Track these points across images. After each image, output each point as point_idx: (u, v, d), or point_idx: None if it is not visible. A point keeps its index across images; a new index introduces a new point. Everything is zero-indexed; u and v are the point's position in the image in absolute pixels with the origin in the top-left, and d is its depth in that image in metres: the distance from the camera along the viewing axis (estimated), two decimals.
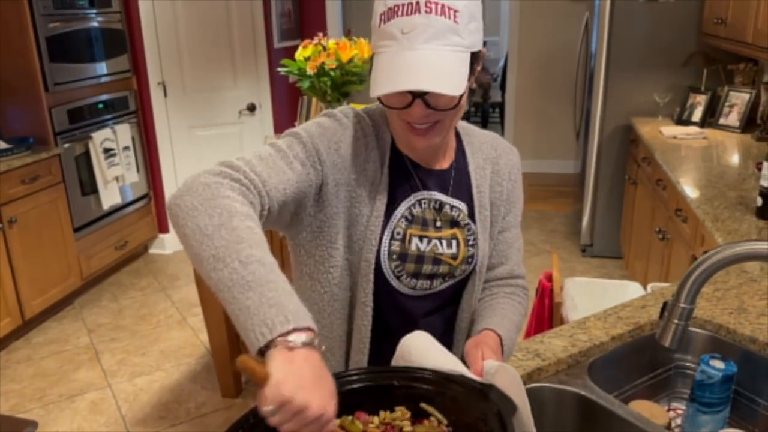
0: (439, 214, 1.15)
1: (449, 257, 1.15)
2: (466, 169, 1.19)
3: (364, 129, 1.11)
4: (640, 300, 1.62)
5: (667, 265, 2.89)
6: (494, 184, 1.22)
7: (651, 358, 1.50)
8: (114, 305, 3.81)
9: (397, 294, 1.14)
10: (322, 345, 0.80)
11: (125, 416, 2.77)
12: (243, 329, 0.78)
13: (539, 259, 4.18)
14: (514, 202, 1.26)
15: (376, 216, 1.10)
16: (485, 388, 0.89)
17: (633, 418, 1.22)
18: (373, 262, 1.09)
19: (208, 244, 0.83)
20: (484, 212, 1.19)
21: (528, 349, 1.38)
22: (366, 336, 1.13)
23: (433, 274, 1.15)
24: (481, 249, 1.18)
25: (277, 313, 0.77)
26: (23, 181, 3.30)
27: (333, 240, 1.10)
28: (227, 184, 0.91)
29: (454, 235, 1.16)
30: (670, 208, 2.83)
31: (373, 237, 1.09)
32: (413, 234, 1.12)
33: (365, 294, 1.11)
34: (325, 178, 1.06)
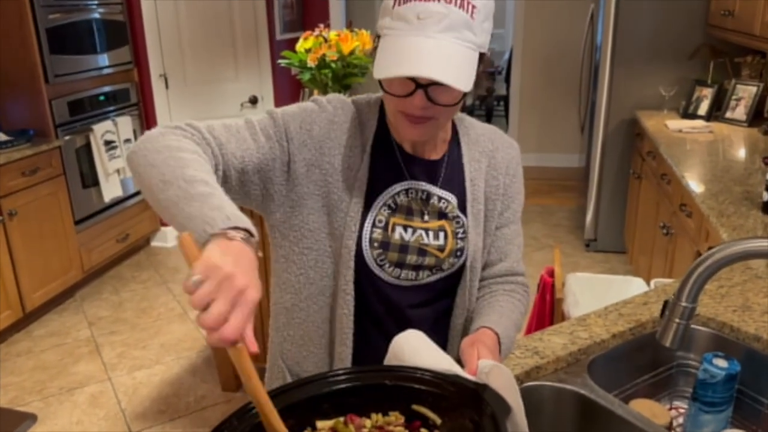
0: (427, 205, 1.13)
1: (435, 249, 1.12)
2: (460, 161, 1.17)
3: (346, 114, 1.11)
4: (642, 297, 1.59)
5: (672, 260, 2.86)
6: (490, 177, 1.19)
7: (653, 356, 1.47)
8: (115, 298, 3.80)
9: (381, 283, 1.12)
10: (260, 252, 0.78)
11: (125, 410, 2.76)
12: (184, 228, 0.78)
13: (542, 254, 4.15)
14: (513, 198, 1.23)
15: (355, 202, 1.08)
16: (479, 388, 0.87)
17: (633, 417, 1.19)
18: (353, 249, 1.08)
19: (156, 172, 0.85)
20: (477, 206, 1.16)
21: (527, 346, 1.36)
22: (348, 326, 1.11)
23: (418, 265, 1.12)
24: (472, 243, 1.16)
25: (219, 214, 0.77)
26: (23, 174, 3.28)
27: (305, 221, 1.09)
28: (180, 133, 0.95)
29: (441, 226, 1.13)
30: (675, 202, 2.79)
31: (353, 223, 1.08)
32: (396, 223, 1.10)
33: (346, 282, 1.09)
34: (292, 155, 1.06)
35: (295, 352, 1.18)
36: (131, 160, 0.92)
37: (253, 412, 0.83)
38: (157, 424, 2.66)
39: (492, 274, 1.23)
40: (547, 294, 2.24)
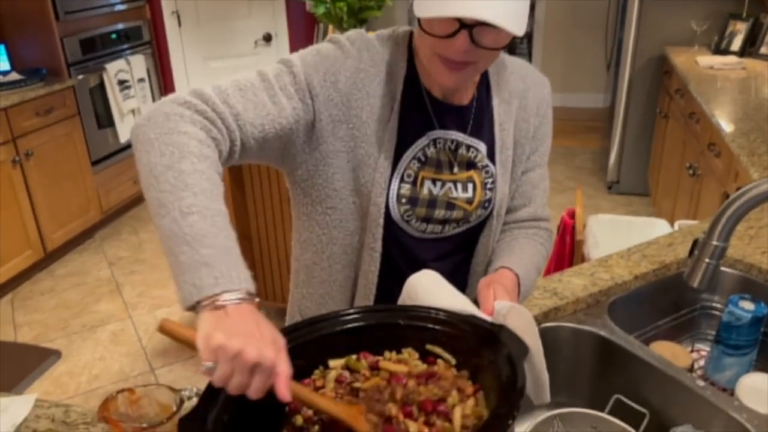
0: (455, 156, 1.06)
1: (464, 202, 1.07)
2: (489, 105, 1.08)
3: (373, 58, 1.00)
4: (667, 237, 1.54)
5: (697, 202, 2.78)
6: (520, 120, 1.11)
7: (676, 298, 1.43)
8: (134, 239, 3.83)
9: (405, 237, 1.07)
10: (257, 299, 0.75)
11: (146, 347, 2.81)
12: (176, 285, 0.73)
13: (563, 196, 4.08)
14: (541, 140, 1.15)
15: (385, 157, 1.00)
16: (495, 328, 0.83)
17: (654, 359, 1.16)
18: (383, 206, 1.01)
19: (155, 186, 0.77)
20: (506, 152, 1.09)
21: (545, 287, 1.32)
22: (372, 282, 1.07)
23: (445, 219, 1.07)
24: (500, 191, 1.10)
25: (207, 274, 0.72)
26: (37, 114, 3.26)
27: (330, 180, 1.02)
28: (188, 117, 0.83)
29: (470, 177, 1.07)
30: (703, 142, 2.69)
31: (383, 180, 1.00)
32: (426, 177, 1.04)
33: (374, 239, 1.04)
34: (317, 114, 0.96)
35: (315, 310, 1.15)
36: (133, 145, 0.83)
37: None
38: (177, 361, 2.71)
39: (515, 219, 1.18)
40: (567, 236, 2.19)
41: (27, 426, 0.99)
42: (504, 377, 0.75)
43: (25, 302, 3.18)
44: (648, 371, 1.16)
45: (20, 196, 3.18)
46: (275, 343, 0.70)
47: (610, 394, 1.14)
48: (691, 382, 1.10)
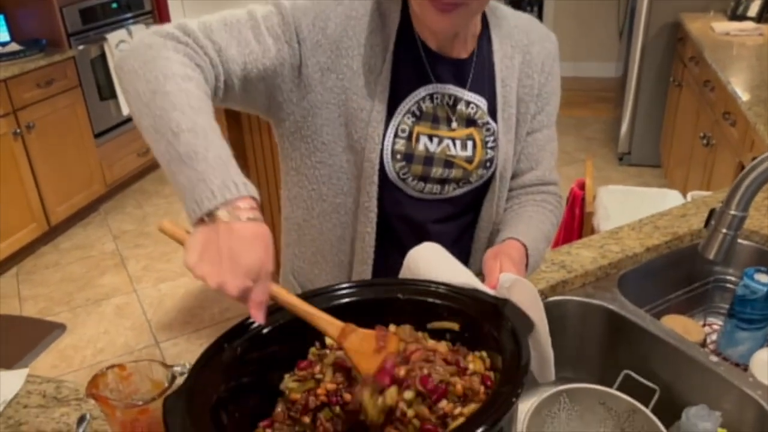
0: (454, 112, 1.01)
1: (463, 160, 1.02)
2: (490, 59, 1.03)
3: (365, 7, 0.96)
4: (680, 208, 1.48)
5: (710, 172, 2.72)
6: (524, 76, 1.06)
7: (688, 271, 1.39)
8: (138, 212, 3.80)
9: (403, 197, 1.02)
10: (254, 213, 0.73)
11: (150, 321, 2.80)
12: (183, 204, 0.74)
13: (573, 168, 4.01)
14: (548, 99, 1.10)
15: (378, 111, 0.96)
16: (499, 303, 0.79)
17: (665, 334, 1.12)
18: (377, 163, 0.97)
19: (146, 113, 0.77)
20: (508, 110, 1.04)
21: (553, 260, 1.28)
22: (370, 245, 1.03)
23: (444, 179, 1.02)
24: (502, 152, 1.05)
25: (204, 189, 0.71)
26: (38, 85, 3.21)
27: (319, 133, 0.98)
28: (171, 46, 0.82)
29: (470, 135, 1.02)
30: (718, 111, 2.61)
31: (376, 134, 0.96)
32: (421, 132, 0.99)
33: (369, 198, 1.00)
34: (304, 59, 0.93)
35: (307, 270, 1.12)
36: (119, 78, 0.83)
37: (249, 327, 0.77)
38: (182, 335, 2.70)
39: (521, 184, 1.13)
40: (576, 208, 2.14)
41: (18, 402, 0.97)
42: (507, 353, 0.71)
43: (29, 276, 3.17)
44: (659, 346, 1.12)
45: (22, 169, 3.15)
46: (248, 273, 0.69)
47: (619, 370, 1.11)
48: (704, 357, 1.06)
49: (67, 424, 0.92)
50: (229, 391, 0.71)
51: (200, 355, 0.73)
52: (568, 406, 1.05)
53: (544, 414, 1.03)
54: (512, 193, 1.13)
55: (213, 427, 0.64)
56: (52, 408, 0.95)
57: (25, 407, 0.96)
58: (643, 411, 1.00)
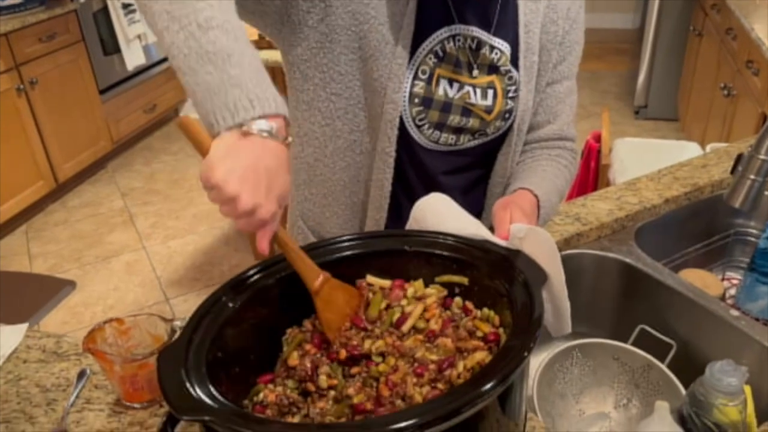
0: (476, 57, 0.94)
1: (482, 110, 0.96)
2: (515, 2, 0.97)
3: None
4: (701, 159, 1.42)
5: (730, 125, 2.63)
6: (548, 22, 0.99)
7: (708, 223, 1.34)
8: (146, 169, 3.78)
9: (416, 146, 0.97)
10: (289, 137, 0.68)
11: (160, 277, 2.80)
12: (200, 106, 0.66)
13: (588, 122, 3.92)
14: (571, 48, 1.03)
15: (403, 46, 0.89)
16: (511, 254, 0.75)
17: (683, 287, 1.08)
18: (400, 104, 0.91)
19: (164, 18, 0.67)
20: (531, 57, 0.97)
21: (567, 212, 1.23)
22: (387, 190, 0.98)
23: (460, 128, 0.97)
24: (522, 102, 0.99)
25: (241, 96, 0.64)
26: (40, 40, 3.15)
27: (335, 61, 0.91)
28: None
29: (491, 83, 0.96)
30: (740, 60, 2.51)
31: (400, 73, 0.90)
32: (442, 75, 0.93)
33: (390, 143, 0.94)
34: None
35: (318, 213, 1.07)
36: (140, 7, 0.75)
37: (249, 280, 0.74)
38: (192, 291, 2.69)
39: (537, 138, 1.07)
40: (591, 160, 2.07)
41: (17, 356, 0.95)
42: (519, 306, 0.68)
43: (39, 233, 3.17)
44: (676, 300, 1.08)
45: (27, 126, 3.12)
46: (279, 199, 0.66)
47: (634, 325, 1.07)
48: (724, 311, 1.02)
49: (66, 379, 0.90)
50: (227, 346, 0.68)
51: (197, 307, 0.70)
52: (580, 361, 1.02)
53: (555, 369, 1.00)
54: (526, 147, 1.08)
55: (210, 382, 0.61)
56: (52, 363, 0.93)
57: (25, 362, 0.94)
58: (658, 366, 0.97)
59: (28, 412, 0.85)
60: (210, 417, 0.55)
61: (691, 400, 0.71)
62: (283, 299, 0.76)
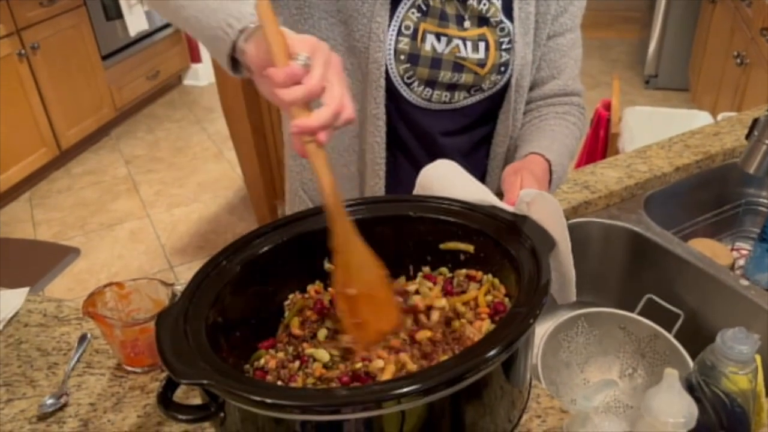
0: (465, 8, 0.91)
1: (474, 63, 0.93)
2: None
3: None
4: (713, 127, 1.39)
5: (742, 94, 2.58)
6: None
7: (718, 192, 1.31)
8: (150, 137, 3.75)
9: (409, 106, 0.95)
10: None
11: (164, 245, 2.79)
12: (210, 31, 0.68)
13: (597, 92, 3.86)
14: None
15: (381, 2, 0.87)
16: (518, 219, 0.73)
17: (692, 257, 1.06)
18: (383, 63, 0.89)
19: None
20: (526, 8, 0.94)
21: (576, 180, 1.21)
22: (381, 156, 0.96)
23: (453, 84, 0.94)
24: (519, 55, 0.95)
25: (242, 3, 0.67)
26: (41, 4, 3.10)
27: (316, 26, 0.90)
28: None
29: (482, 35, 0.93)
30: (755, 27, 2.45)
31: (381, 30, 0.88)
32: (428, 30, 0.90)
33: (376, 105, 0.92)
34: None
35: (317, 182, 1.05)
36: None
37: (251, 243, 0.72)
38: (196, 260, 2.69)
39: (542, 95, 1.04)
40: (600, 129, 2.04)
41: (18, 320, 0.94)
42: (526, 273, 0.66)
43: (43, 200, 3.16)
44: (685, 269, 1.06)
45: (29, 91, 3.08)
46: None
47: (641, 294, 1.06)
48: (734, 281, 1.01)
49: (67, 343, 0.89)
50: (227, 310, 0.67)
51: (197, 270, 0.69)
52: (586, 330, 1.01)
53: (560, 337, 0.99)
54: (531, 105, 1.04)
55: (209, 346, 0.60)
56: (53, 327, 0.93)
57: (26, 326, 0.93)
58: (665, 336, 0.95)
59: (29, 376, 0.84)
60: (209, 381, 0.54)
61: (700, 368, 0.70)
62: (287, 264, 0.74)
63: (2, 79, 2.92)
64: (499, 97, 0.99)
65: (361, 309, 0.67)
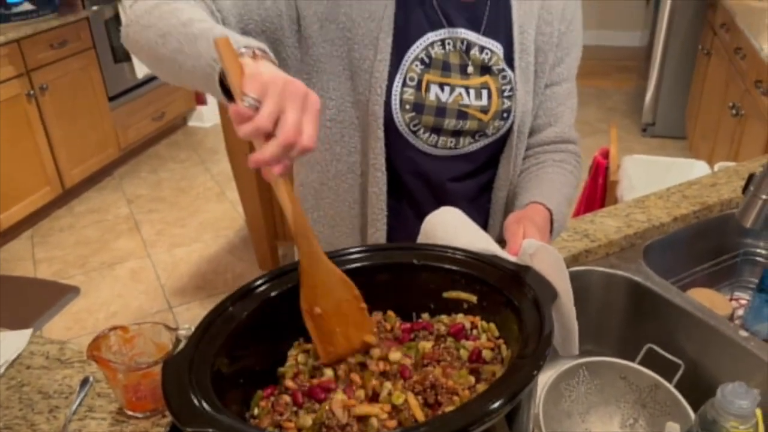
0: (467, 58, 0.96)
1: (478, 110, 0.97)
2: (507, 3, 0.98)
3: None
4: (710, 177, 1.42)
5: (738, 144, 2.62)
6: (543, 23, 1.00)
7: (717, 243, 1.33)
8: (153, 177, 3.78)
9: (416, 152, 0.98)
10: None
11: (164, 285, 2.79)
12: (199, 71, 0.71)
13: (594, 139, 3.91)
14: (568, 50, 1.04)
15: (380, 59, 0.92)
16: (520, 270, 0.74)
17: (692, 307, 1.07)
18: (381, 116, 0.93)
19: (152, 32, 0.77)
20: (526, 57, 0.98)
21: (576, 229, 1.22)
22: (380, 207, 0.99)
23: (458, 131, 0.98)
24: (520, 102, 0.99)
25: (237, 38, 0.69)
26: (52, 46, 3.17)
27: (326, 89, 0.95)
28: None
29: (485, 83, 0.97)
30: (749, 79, 2.51)
31: (379, 85, 0.92)
32: (431, 80, 0.94)
33: (375, 156, 0.96)
34: (300, 10, 0.90)
35: (328, 234, 1.08)
36: (125, 36, 0.83)
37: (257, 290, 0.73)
38: (195, 300, 2.69)
39: (539, 142, 1.07)
40: (599, 177, 2.07)
41: (21, 362, 0.95)
42: (529, 323, 0.67)
43: (44, 238, 3.17)
44: (684, 319, 1.07)
45: (36, 131, 3.13)
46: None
47: (641, 344, 1.06)
48: (733, 331, 1.01)
49: (69, 387, 0.89)
50: (232, 357, 0.68)
51: (204, 317, 0.69)
52: (587, 380, 1.01)
53: (562, 387, 0.99)
54: (530, 152, 1.08)
55: (214, 393, 0.60)
56: (55, 369, 0.93)
57: (28, 368, 0.93)
58: (665, 386, 0.95)
59: (29, 419, 0.84)
60: (213, 428, 0.54)
61: (701, 422, 0.70)
62: (292, 310, 0.75)
63: (10, 119, 2.97)
64: (502, 142, 1.03)
65: (328, 327, 0.71)
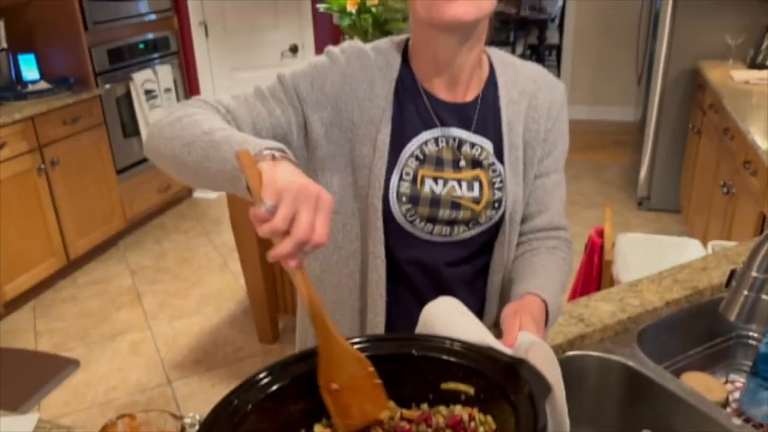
0: (459, 153, 1.04)
1: (470, 201, 1.04)
2: (496, 103, 1.07)
3: (363, 64, 1.02)
4: (701, 261, 1.46)
5: (731, 221, 2.68)
6: (530, 121, 1.08)
7: (709, 326, 1.36)
8: (157, 248, 3.83)
9: (414, 240, 1.04)
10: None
11: (164, 359, 2.79)
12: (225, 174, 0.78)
13: (591, 212, 3.99)
14: (554, 144, 1.12)
15: (378, 156, 1.00)
16: (516, 363, 0.78)
17: (686, 393, 1.09)
18: (380, 208, 1.00)
19: (176, 143, 0.85)
20: (514, 152, 1.06)
21: (571, 313, 1.26)
22: (380, 293, 1.03)
23: (452, 220, 1.04)
24: (511, 193, 1.06)
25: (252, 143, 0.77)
26: (64, 122, 3.29)
27: (329, 183, 1.03)
28: (187, 104, 0.93)
29: (476, 176, 1.04)
30: (738, 159, 2.59)
31: (377, 180, 1.00)
32: (426, 175, 1.02)
33: (375, 244, 1.02)
34: (307, 117, 1.00)
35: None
36: (149, 148, 0.92)
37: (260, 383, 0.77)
38: (194, 374, 2.68)
39: (531, 229, 1.14)
40: (595, 255, 2.11)
41: None
42: (524, 417, 0.70)
43: (46, 310, 3.19)
44: (679, 405, 1.09)
45: (45, 204, 3.21)
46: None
47: (637, 429, 1.08)
48: (726, 419, 1.03)
49: None
50: None
51: (210, 412, 0.72)
52: None
53: None
54: (522, 239, 1.14)
55: None
56: None
57: None
58: None
59: None
60: None
61: None
62: (296, 402, 0.78)
63: (20, 192, 3.04)
64: (496, 229, 1.09)
65: (344, 401, 0.77)
